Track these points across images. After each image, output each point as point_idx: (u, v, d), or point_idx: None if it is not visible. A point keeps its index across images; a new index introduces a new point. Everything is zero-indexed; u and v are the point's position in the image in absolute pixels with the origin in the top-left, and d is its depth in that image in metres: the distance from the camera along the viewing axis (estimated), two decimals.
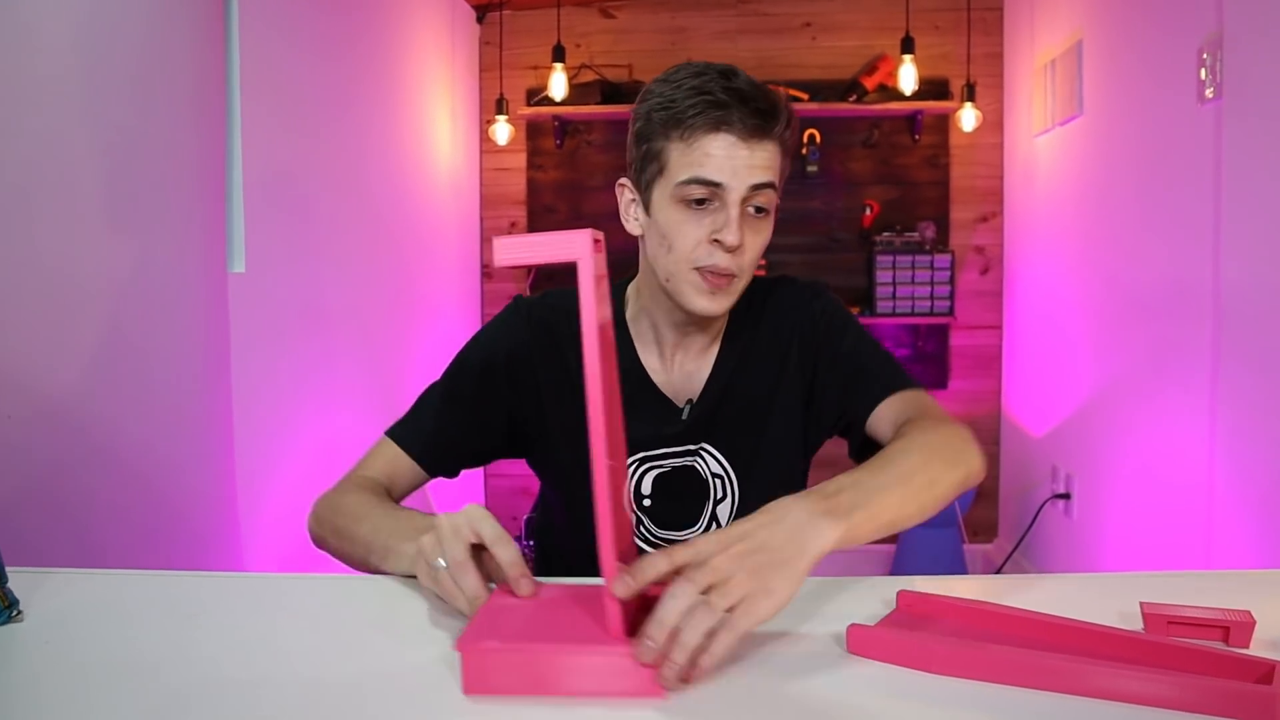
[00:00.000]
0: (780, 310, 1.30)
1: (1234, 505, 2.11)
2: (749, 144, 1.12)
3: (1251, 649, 0.79)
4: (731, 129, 1.11)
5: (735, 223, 1.12)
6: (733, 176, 1.12)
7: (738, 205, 1.12)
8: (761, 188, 1.13)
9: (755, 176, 1.12)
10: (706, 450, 1.26)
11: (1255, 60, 2.03)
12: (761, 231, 1.17)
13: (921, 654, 0.76)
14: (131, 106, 1.75)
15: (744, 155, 1.12)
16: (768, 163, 1.13)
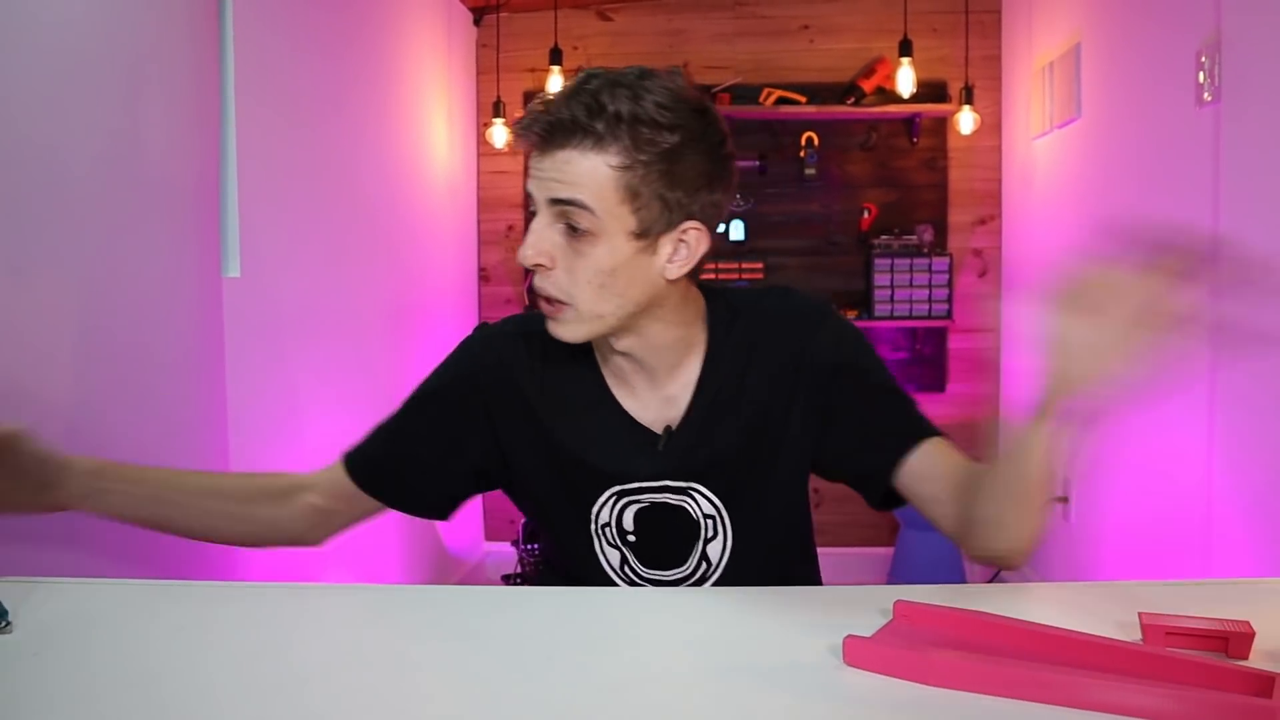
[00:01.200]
0: (780, 330, 1.16)
1: (1232, 510, 2.11)
2: (547, 155, 1.03)
3: (1251, 660, 0.78)
4: (531, 140, 1.04)
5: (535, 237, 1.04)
6: (535, 187, 1.04)
7: (543, 220, 1.04)
8: (562, 203, 1.02)
9: (551, 190, 1.02)
10: (697, 490, 1.15)
11: (1253, 63, 2.02)
12: (583, 253, 1.03)
13: (919, 667, 0.75)
14: (125, 111, 1.74)
15: (541, 166, 1.03)
16: (569, 176, 1.01)
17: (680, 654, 0.83)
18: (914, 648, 0.77)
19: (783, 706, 0.73)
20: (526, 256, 1.04)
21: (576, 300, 1.05)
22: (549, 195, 1.03)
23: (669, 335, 1.13)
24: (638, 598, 0.99)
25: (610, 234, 1.03)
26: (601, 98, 1.00)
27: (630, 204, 1.02)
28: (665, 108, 1.02)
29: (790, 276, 3.96)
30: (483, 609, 0.97)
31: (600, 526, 1.16)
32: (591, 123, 1.00)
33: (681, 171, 1.03)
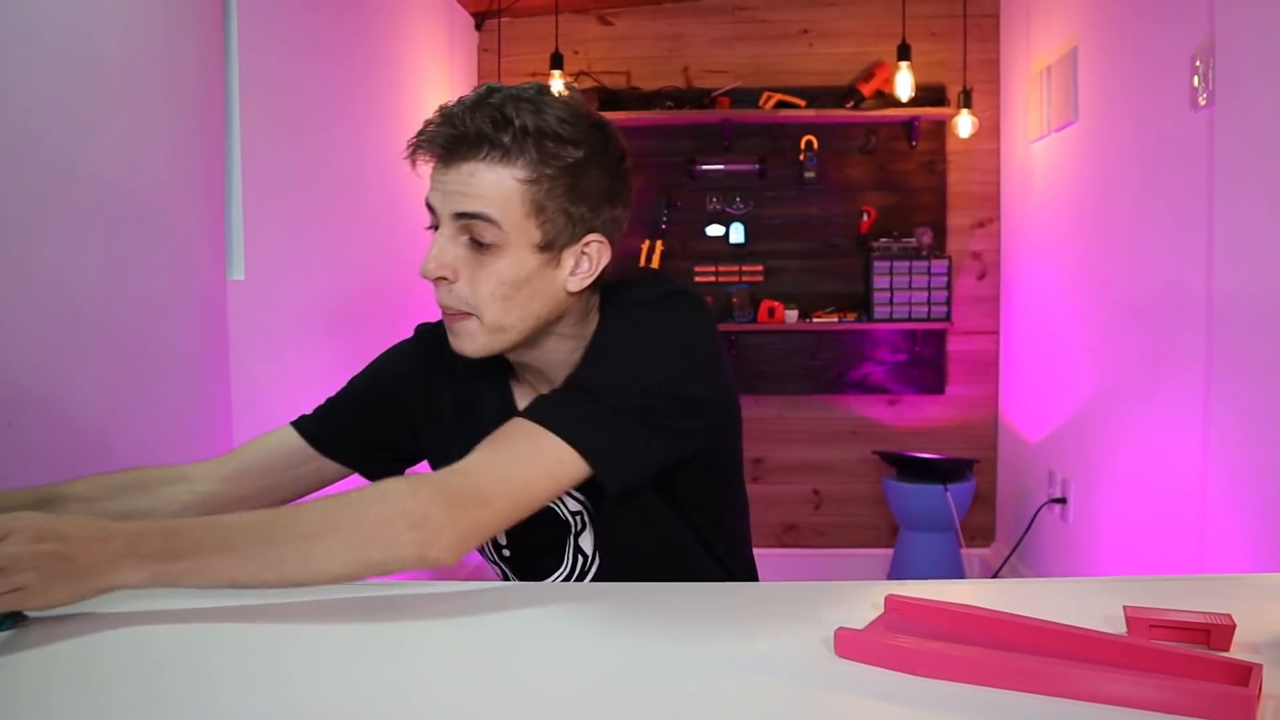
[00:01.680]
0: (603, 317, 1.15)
1: (1227, 509, 2.13)
2: (450, 168, 1.03)
3: (1232, 652, 0.80)
4: (434, 153, 1.04)
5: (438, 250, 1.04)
6: (438, 200, 1.05)
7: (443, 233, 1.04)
8: (467, 217, 1.02)
9: (455, 204, 1.03)
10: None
11: (1246, 67, 2.04)
12: (488, 263, 1.03)
13: (908, 657, 0.77)
14: (131, 115, 1.77)
15: (443, 180, 1.04)
16: (473, 189, 1.02)
17: (675, 646, 0.85)
18: (904, 640, 0.79)
19: (775, 696, 0.75)
20: (429, 270, 1.04)
21: (481, 311, 1.05)
22: (454, 209, 1.03)
23: (565, 349, 1.13)
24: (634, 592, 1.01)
25: (515, 246, 1.03)
26: (506, 111, 1.01)
27: (536, 218, 1.03)
28: (567, 122, 1.03)
29: (790, 279, 3.98)
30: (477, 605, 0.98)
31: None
32: (498, 135, 1.01)
33: (585, 186, 1.05)
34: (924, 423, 4.07)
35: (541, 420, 1.00)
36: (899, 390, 4.05)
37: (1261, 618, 0.87)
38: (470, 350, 1.08)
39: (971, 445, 4.01)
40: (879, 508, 3.99)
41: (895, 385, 4.05)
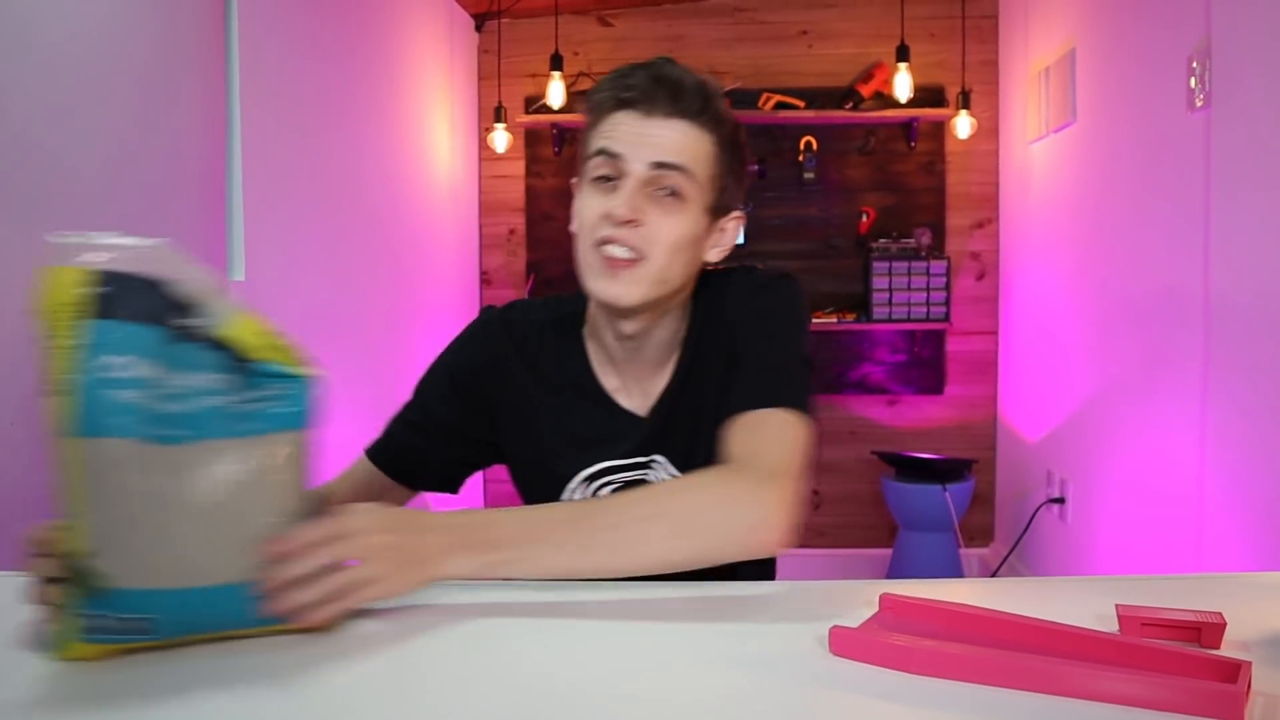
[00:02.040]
0: (728, 304, 1.20)
1: (1224, 509, 2.14)
2: (653, 119, 1.09)
3: (1222, 649, 0.81)
4: (636, 105, 1.09)
5: (628, 194, 1.08)
6: (633, 149, 1.08)
7: (636, 181, 1.08)
8: (666, 167, 1.08)
9: (657, 154, 1.08)
10: (658, 461, 1.21)
11: (1243, 68, 2.05)
12: (673, 213, 1.10)
13: (902, 655, 0.78)
14: (132, 116, 1.77)
15: (646, 131, 1.08)
16: (676, 144, 1.09)
17: (670, 644, 0.85)
18: (898, 638, 0.80)
19: (769, 694, 0.75)
20: (620, 212, 1.07)
21: (652, 257, 1.09)
22: (655, 158, 1.08)
23: (671, 328, 1.19)
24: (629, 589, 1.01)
25: (694, 205, 1.11)
26: (708, 85, 1.11)
27: (715, 183, 1.13)
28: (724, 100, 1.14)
29: None
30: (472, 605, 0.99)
31: None
32: (706, 103, 1.10)
33: (741, 166, 1.16)
34: (923, 423, 4.08)
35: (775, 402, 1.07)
36: (898, 390, 4.06)
37: (1253, 616, 0.88)
38: (630, 298, 1.10)
39: (970, 445, 4.02)
40: (878, 508, 4.00)
41: (894, 385, 4.06)
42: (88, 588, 0.80)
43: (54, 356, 0.83)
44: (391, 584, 0.88)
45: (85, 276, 0.83)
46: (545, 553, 0.93)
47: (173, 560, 0.82)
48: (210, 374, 0.86)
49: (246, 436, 0.86)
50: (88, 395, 0.82)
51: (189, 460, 0.83)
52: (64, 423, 0.82)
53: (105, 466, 0.81)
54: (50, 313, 0.84)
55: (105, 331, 0.82)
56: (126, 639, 0.82)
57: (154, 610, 0.82)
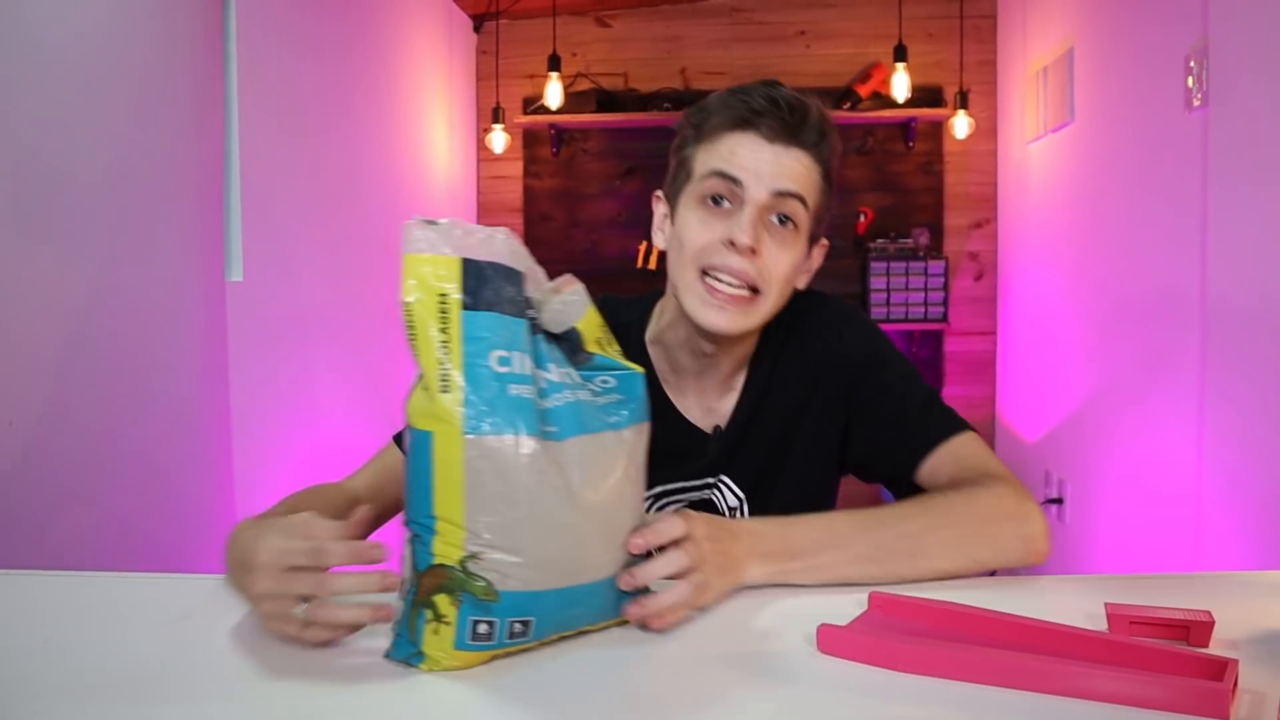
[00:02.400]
0: (808, 334, 1.21)
1: (1222, 508, 2.13)
2: (774, 146, 1.06)
3: (1211, 648, 0.81)
4: (757, 129, 1.06)
5: (750, 222, 1.05)
6: (754, 176, 1.06)
7: (756, 207, 1.06)
8: (787, 196, 1.07)
9: (780, 182, 1.06)
10: (724, 483, 1.20)
11: (1240, 68, 2.05)
12: (788, 245, 1.09)
13: (889, 653, 0.78)
14: (131, 118, 1.78)
15: (769, 157, 1.06)
16: (796, 173, 1.07)
17: (661, 642, 0.85)
18: (885, 636, 0.80)
19: (757, 691, 0.75)
20: (744, 241, 1.05)
21: (770, 291, 1.09)
22: (778, 187, 1.07)
23: (746, 349, 1.19)
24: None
25: (804, 234, 1.11)
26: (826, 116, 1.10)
27: (816, 214, 1.12)
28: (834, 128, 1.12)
29: None
30: None
31: None
32: (824, 136, 1.09)
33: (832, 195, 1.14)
34: None
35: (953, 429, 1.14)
36: None
37: (1242, 614, 0.88)
38: (737, 328, 1.10)
39: None
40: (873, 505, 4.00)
41: None
42: (468, 594, 0.77)
43: (429, 350, 0.78)
44: (716, 591, 0.89)
45: (458, 266, 0.79)
46: (839, 562, 0.95)
47: (560, 560, 0.80)
48: (561, 367, 0.84)
49: (612, 430, 0.85)
50: (485, 391, 0.77)
51: (571, 457, 0.81)
52: (448, 420, 0.77)
53: (503, 465, 0.77)
54: (424, 304, 0.79)
55: (488, 324, 0.79)
56: (508, 644, 0.79)
57: (535, 612, 0.79)
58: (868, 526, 0.98)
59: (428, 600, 0.77)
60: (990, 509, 1.01)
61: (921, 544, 0.97)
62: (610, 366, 0.89)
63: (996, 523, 1.01)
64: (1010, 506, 1.02)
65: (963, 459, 1.11)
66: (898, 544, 0.97)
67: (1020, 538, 1.02)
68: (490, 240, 0.81)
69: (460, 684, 0.77)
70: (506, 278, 0.81)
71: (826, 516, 0.98)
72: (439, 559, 0.77)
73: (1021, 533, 1.02)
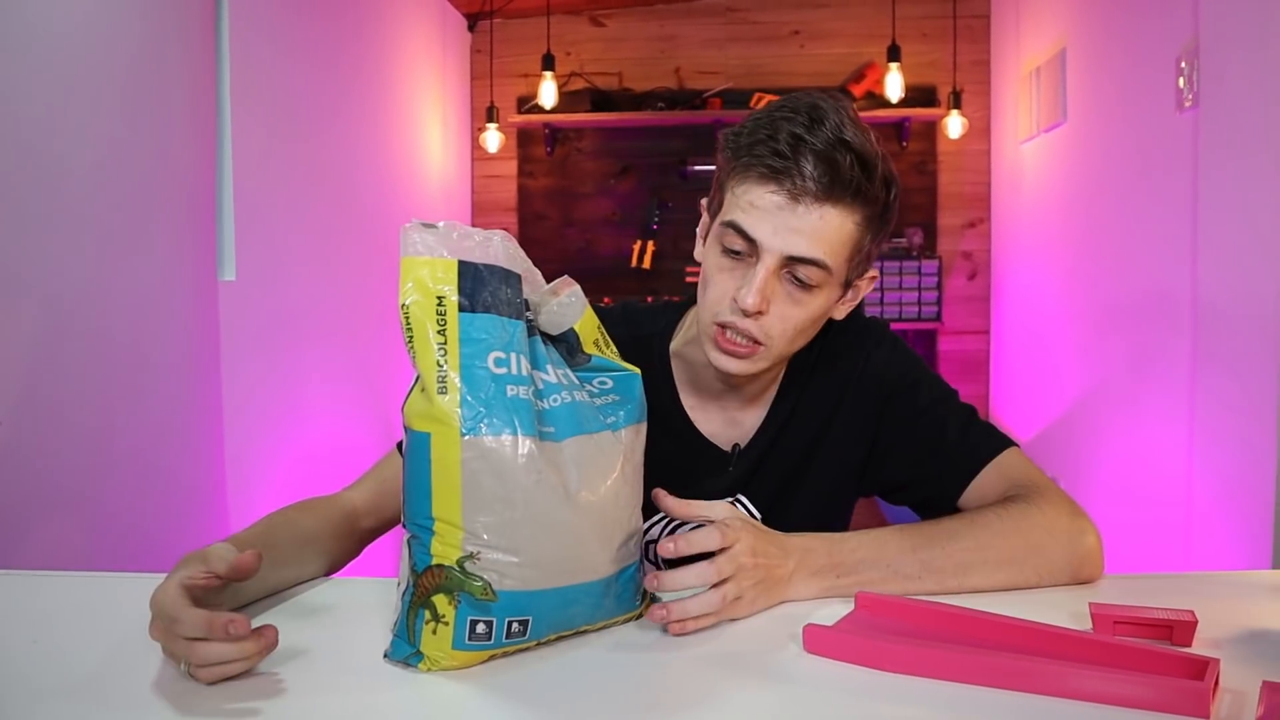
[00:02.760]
0: (837, 355, 1.17)
1: (1213, 507, 2.14)
2: (798, 205, 0.97)
3: (1194, 647, 0.82)
4: (783, 185, 0.97)
5: (758, 284, 0.99)
6: (770, 236, 0.98)
7: (769, 268, 0.99)
8: (800, 261, 0.99)
9: (794, 246, 0.98)
10: (741, 502, 1.17)
11: (1230, 69, 2.06)
12: (803, 304, 1.02)
13: (873, 653, 0.79)
14: (122, 118, 1.78)
15: (788, 219, 0.98)
16: (818, 233, 0.98)
17: (654, 642, 0.86)
18: (870, 636, 0.81)
19: (743, 690, 0.76)
20: (752, 304, 0.99)
21: (774, 343, 1.03)
22: (793, 251, 0.99)
23: (775, 374, 1.15)
24: None
25: (828, 288, 1.03)
26: (867, 154, 0.98)
27: (853, 258, 1.03)
28: (886, 162, 1.01)
29: None
30: None
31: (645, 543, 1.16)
32: (862, 183, 0.98)
33: (887, 229, 1.05)
34: None
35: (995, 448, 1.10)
36: None
37: (1225, 614, 0.88)
38: (746, 371, 1.06)
39: None
40: (869, 506, 4.01)
41: None
42: (466, 594, 0.77)
43: (427, 352, 0.79)
44: (749, 605, 0.89)
45: (456, 268, 0.80)
46: (886, 579, 0.95)
47: (557, 559, 0.80)
48: (558, 368, 0.85)
49: (609, 431, 0.86)
50: (482, 392, 0.78)
51: (568, 457, 0.81)
52: (446, 421, 0.77)
53: (501, 466, 0.77)
54: (422, 306, 0.79)
55: (485, 326, 0.80)
56: (506, 644, 0.79)
57: (532, 611, 0.80)
58: (917, 545, 0.96)
59: (426, 600, 0.78)
60: (1042, 529, 0.99)
61: (970, 564, 0.97)
62: (608, 368, 0.90)
63: (1048, 544, 0.99)
64: (1064, 524, 1.01)
65: (1011, 476, 1.08)
66: (946, 563, 0.96)
67: (1071, 560, 1.01)
68: (487, 243, 0.82)
69: (459, 684, 0.77)
70: (504, 280, 0.82)
71: (875, 533, 0.97)
72: (437, 559, 0.78)
73: (1073, 554, 1.01)
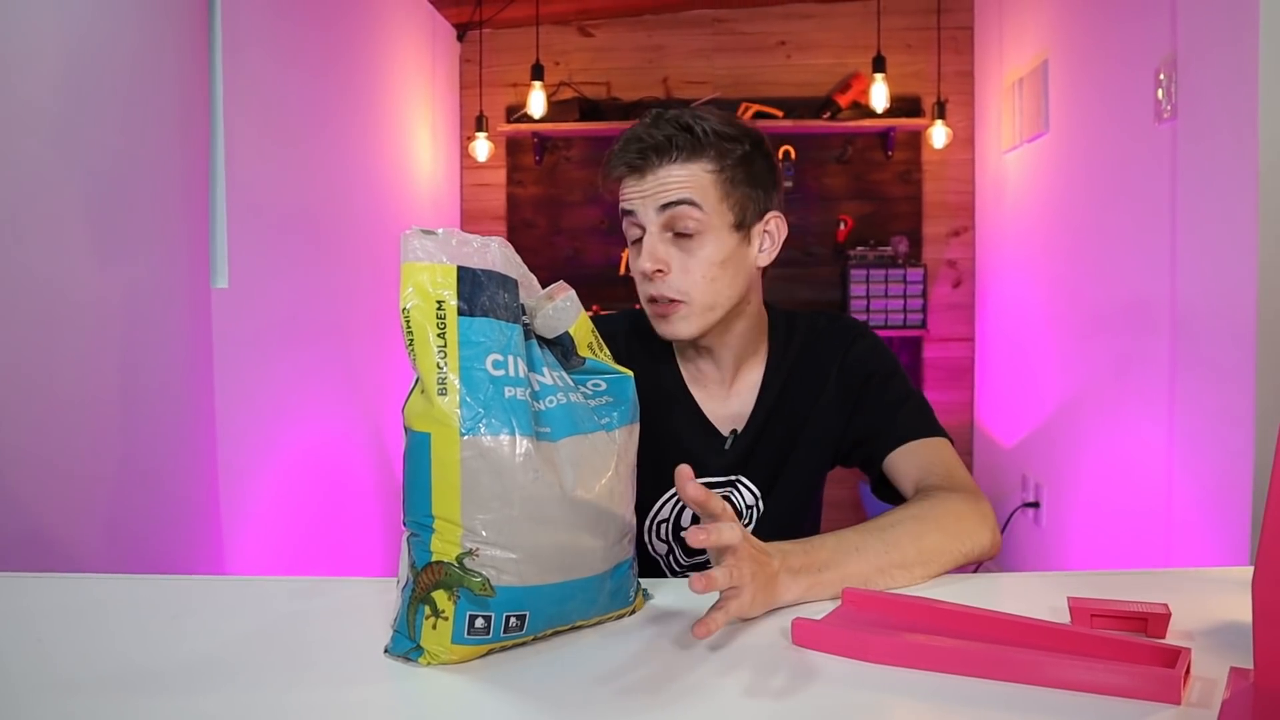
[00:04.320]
0: (821, 345, 1.32)
1: (1193, 509, 2.18)
2: (648, 175, 1.16)
3: (1167, 639, 0.85)
4: (631, 165, 1.17)
5: (649, 250, 1.16)
6: (640, 204, 1.17)
7: (653, 233, 1.17)
8: (670, 206, 1.16)
9: (660, 198, 1.16)
10: (743, 482, 1.30)
11: (1206, 81, 2.10)
12: (692, 250, 1.17)
13: (860, 645, 0.81)
14: (116, 125, 1.79)
15: (648, 185, 1.16)
16: (674, 181, 1.16)
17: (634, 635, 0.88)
18: (857, 629, 0.84)
19: (733, 682, 0.79)
20: (646, 266, 1.16)
21: (692, 296, 1.18)
22: (659, 202, 1.16)
23: (746, 334, 1.28)
24: None
25: (715, 230, 1.17)
26: (684, 120, 1.17)
27: (726, 201, 1.18)
28: (730, 124, 1.20)
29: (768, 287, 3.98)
30: None
31: (656, 523, 1.28)
32: (684, 138, 1.16)
33: (757, 172, 1.20)
34: None
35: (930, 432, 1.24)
36: None
37: (1198, 608, 0.92)
38: (685, 333, 1.20)
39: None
40: (856, 513, 4.04)
41: None
42: (465, 589, 0.80)
43: (428, 354, 0.81)
44: (748, 609, 0.88)
45: (455, 274, 0.83)
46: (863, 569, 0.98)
47: (553, 555, 0.83)
48: (554, 371, 0.88)
49: (603, 431, 0.88)
50: (481, 393, 0.81)
51: (564, 456, 0.84)
52: (445, 421, 0.80)
53: (499, 465, 0.80)
54: (422, 310, 0.82)
55: (483, 330, 0.82)
56: (503, 638, 0.82)
57: (529, 606, 0.82)
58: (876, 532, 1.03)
59: (426, 596, 0.81)
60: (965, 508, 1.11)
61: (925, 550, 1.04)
62: (602, 370, 0.93)
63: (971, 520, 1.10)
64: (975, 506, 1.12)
65: (930, 460, 1.21)
66: (907, 549, 1.02)
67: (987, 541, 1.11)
68: (485, 249, 0.85)
69: (458, 677, 0.80)
70: (501, 285, 0.85)
71: (834, 534, 1.02)
72: (437, 556, 0.81)
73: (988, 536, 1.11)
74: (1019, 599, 0.94)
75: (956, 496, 1.12)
